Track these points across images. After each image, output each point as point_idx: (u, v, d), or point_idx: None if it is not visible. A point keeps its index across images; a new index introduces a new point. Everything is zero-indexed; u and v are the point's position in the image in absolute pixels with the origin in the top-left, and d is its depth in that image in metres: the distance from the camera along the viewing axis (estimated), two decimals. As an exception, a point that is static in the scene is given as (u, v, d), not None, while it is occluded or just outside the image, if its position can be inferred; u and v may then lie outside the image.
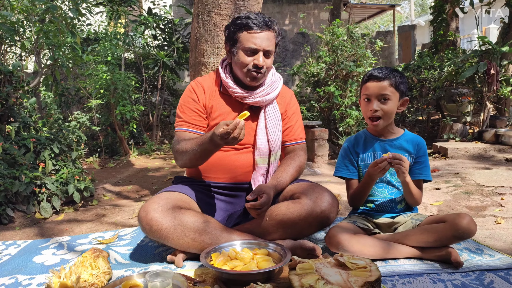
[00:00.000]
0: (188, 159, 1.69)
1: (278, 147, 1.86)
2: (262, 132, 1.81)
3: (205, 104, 1.82)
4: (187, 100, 1.82)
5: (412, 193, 1.69)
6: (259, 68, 1.72)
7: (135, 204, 2.87)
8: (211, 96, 1.83)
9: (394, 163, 1.58)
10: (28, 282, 1.51)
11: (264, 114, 1.83)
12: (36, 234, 2.25)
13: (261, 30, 1.70)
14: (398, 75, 1.70)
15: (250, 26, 1.69)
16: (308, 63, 4.82)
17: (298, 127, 1.95)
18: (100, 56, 5.02)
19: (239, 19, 1.73)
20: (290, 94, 1.98)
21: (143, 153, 5.43)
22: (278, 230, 1.68)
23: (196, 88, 1.83)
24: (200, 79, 1.88)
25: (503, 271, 1.50)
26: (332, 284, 1.15)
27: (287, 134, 1.91)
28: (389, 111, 1.70)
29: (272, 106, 1.85)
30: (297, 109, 1.98)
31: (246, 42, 1.70)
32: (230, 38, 1.77)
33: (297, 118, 1.95)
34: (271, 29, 1.73)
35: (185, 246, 1.58)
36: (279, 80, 1.89)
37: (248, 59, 1.72)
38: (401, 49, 12.30)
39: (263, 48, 1.71)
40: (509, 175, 3.27)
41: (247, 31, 1.70)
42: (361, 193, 1.77)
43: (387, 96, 1.68)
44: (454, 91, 5.64)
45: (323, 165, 4.09)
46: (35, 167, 2.70)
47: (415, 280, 1.44)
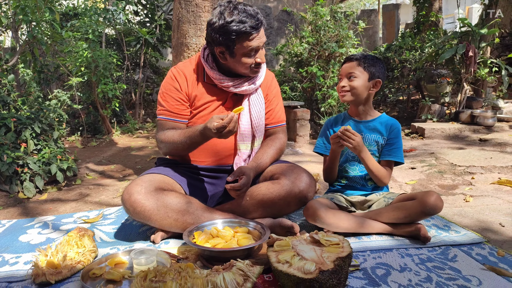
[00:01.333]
0: (174, 148, 1.74)
1: (262, 132, 1.91)
2: (245, 118, 1.85)
3: (188, 92, 1.82)
4: (169, 88, 1.82)
5: (372, 170, 1.78)
6: (261, 63, 1.76)
7: (119, 184, 2.90)
8: (194, 85, 1.83)
9: (342, 138, 1.70)
10: (15, 261, 1.55)
11: (248, 101, 1.86)
12: (20, 213, 2.28)
13: (258, 31, 1.67)
14: (370, 57, 1.83)
15: (248, 32, 1.63)
16: (291, 43, 4.83)
17: (279, 110, 1.99)
18: (80, 33, 4.91)
19: (231, 24, 1.62)
20: (271, 77, 2.00)
21: (126, 131, 5.42)
22: (258, 209, 1.75)
23: (178, 76, 1.82)
24: (181, 66, 1.86)
25: (467, 246, 1.61)
26: (306, 260, 1.23)
27: (268, 117, 1.95)
28: (354, 87, 1.81)
29: (256, 93, 1.88)
30: (277, 92, 2.01)
31: (247, 47, 1.67)
32: (225, 43, 1.67)
33: (277, 101, 1.99)
34: (262, 24, 1.69)
35: (168, 226, 1.64)
36: (263, 67, 1.91)
37: (251, 60, 1.72)
38: (385, 28, 12.33)
39: (262, 43, 1.72)
40: (481, 155, 3.42)
41: (247, 37, 1.65)
42: (330, 166, 1.89)
43: (354, 74, 1.81)
44: (434, 72, 5.76)
45: (305, 145, 4.18)
46: (17, 147, 2.69)
47: (385, 254, 1.54)
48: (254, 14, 1.67)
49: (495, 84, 5.70)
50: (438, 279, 1.34)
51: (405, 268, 1.42)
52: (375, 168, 1.78)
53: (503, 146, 3.81)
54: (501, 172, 2.90)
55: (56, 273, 1.36)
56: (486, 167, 3.03)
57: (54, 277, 1.34)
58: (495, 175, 2.81)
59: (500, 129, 4.62)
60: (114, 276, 1.35)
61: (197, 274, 1.23)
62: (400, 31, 10.43)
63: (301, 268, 1.19)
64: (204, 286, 1.17)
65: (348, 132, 1.69)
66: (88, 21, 5.04)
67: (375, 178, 1.82)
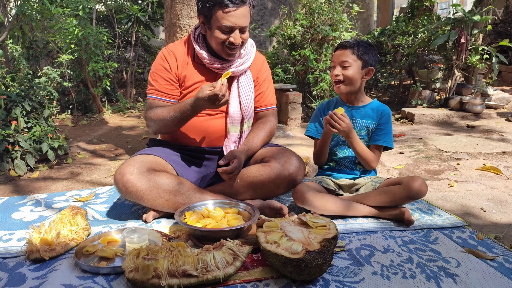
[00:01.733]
0: (163, 125, 1.75)
1: (251, 115, 1.92)
2: (235, 100, 1.86)
3: (178, 73, 1.83)
4: (159, 68, 1.83)
5: (360, 154, 1.83)
6: (235, 45, 1.72)
7: (111, 163, 2.92)
8: (184, 65, 1.84)
9: (330, 122, 1.74)
10: (8, 237, 1.58)
11: (237, 83, 1.87)
12: (11, 191, 2.29)
13: (236, 7, 1.64)
14: (363, 45, 1.83)
15: (225, 3, 1.63)
16: (285, 25, 4.80)
17: (269, 93, 2.00)
18: (70, 9, 4.81)
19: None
20: (262, 59, 2.01)
21: (117, 110, 5.39)
22: (248, 191, 1.79)
23: (168, 56, 1.83)
24: (172, 47, 1.87)
25: (448, 229, 1.68)
26: (294, 241, 1.28)
27: (258, 100, 1.97)
28: (349, 76, 1.83)
29: (245, 76, 1.89)
30: (268, 75, 2.02)
31: (222, 20, 1.66)
32: (203, 12, 1.71)
33: (268, 84, 2.00)
34: (246, 3, 1.68)
35: (160, 206, 1.67)
36: (252, 49, 1.91)
37: (224, 37, 1.70)
38: (380, 11, 12.26)
39: (239, 25, 1.69)
40: (467, 141, 3.50)
41: (222, 10, 1.64)
42: (321, 149, 1.92)
43: (347, 63, 1.82)
44: (426, 57, 5.79)
45: (296, 128, 4.21)
46: (7, 125, 2.68)
47: (370, 236, 1.60)
48: None
49: (485, 71, 5.76)
50: (419, 260, 1.40)
51: (388, 250, 1.48)
52: (363, 152, 1.83)
53: (489, 133, 3.89)
54: (486, 158, 2.98)
55: (50, 250, 1.39)
56: (472, 153, 3.10)
57: (48, 253, 1.37)
58: (480, 161, 2.89)
59: (488, 116, 4.70)
60: (107, 253, 1.38)
61: (188, 253, 1.27)
62: (395, 15, 10.38)
63: (289, 249, 1.23)
64: (195, 264, 1.21)
65: (335, 116, 1.73)
66: (78, -4, 4.93)
67: (363, 161, 1.86)
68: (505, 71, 6.66)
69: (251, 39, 1.93)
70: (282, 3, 8.81)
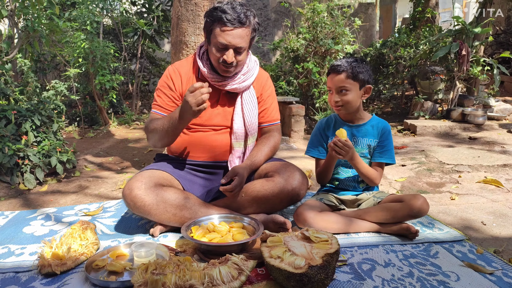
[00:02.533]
0: (158, 136, 1.79)
1: (255, 130, 1.97)
2: (238, 116, 1.91)
3: (182, 91, 1.90)
4: (163, 85, 1.91)
5: (364, 174, 1.85)
6: (228, 64, 1.77)
7: (117, 176, 2.98)
8: (188, 82, 1.90)
9: (335, 149, 1.74)
10: (20, 251, 1.63)
11: (241, 100, 1.93)
12: (21, 204, 2.35)
13: (233, 27, 1.70)
14: (357, 65, 1.81)
15: (223, 21, 1.69)
16: (288, 38, 4.88)
17: (273, 109, 2.05)
18: (78, 23, 4.92)
19: (215, 11, 1.73)
20: (265, 76, 2.06)
21: (123, 123, 5.47)
22: (252, 205, 1.84)
23: (173, 74, 1.90)
24: (178, 65, 1.94)
25: (448, 243, 1.71)
26: (297, 255, 1.32)
27: (263, 116, 2.02)
28: (348, 101, 1.83)
29: (248, 92, 1.94)
30: (272, 91, 2.07)
31: (218, 37, 1.72)
32: (206, 27, 1.80)
33: (272, 100, 2.05)
34: (244, 25, 1.73)
35: (167, 220, 1.72)
36: (255, 66, 1.97)
37: (218, 54, 1.76)
38: (382, 22, 12.38)
39: (234, 45, 1.73)
40: (469, 153, 3.53)
41: (220, 27, 1.71)
42: (325, 171, 1.94)
43: (345, 87, 1.81)
44: (428, 68, 5.84)
45: (299, 140, 4.26)
46: (17, 139, 2.75)
47: (371, 250, 1.64)
48: (240, 12, 1.72)
49: (487, 82, 5.80)
50: (419, 274, 1.44)
51: (389, 264, 1.52)
52: (367, 172, 1.85)
53: (491, 145, 3.92)
54: (487, 171, 3.01)
55: (61, 264, 1.44)
56: (473, 165, 3.13)
57: (59, 268, 1.42)
58: (481, 174, 2.92)
59: (489, 128, 4.73)
60: (116, 267, 1.43)
61: (194, 267, 1.31)
62: (397, 26, 10.47)
63: (292, 263, 1.28)
64: (201, 279, 1.25)
65: (339, 143, 1.73)
66: (86, 11, 5.05)
67: (366, 180, 1.88)
68: (507, 81, 6.71)
69: (254, 57, 1.99)
70: (285, 14, 8.93)
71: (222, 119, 1.93)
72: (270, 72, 5.25)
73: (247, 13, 1.74)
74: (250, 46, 1.85)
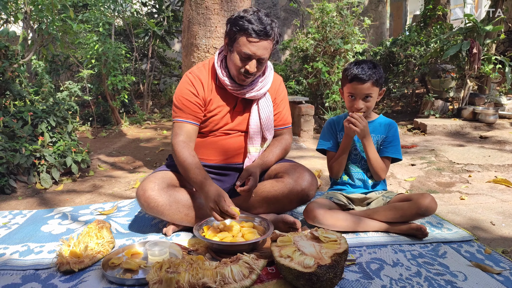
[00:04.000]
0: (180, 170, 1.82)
1: (271, 134, 2.00)
2: (254, 121, 1.93)
3: (205, 97, 1.89)
4: (186, 93, 1.87)
5: (371, 159, 1.90)
6: (249, 74, 1.78)
7: (130, 176, 3.04)
8: (209, 90, 1.90)
9: (351, 121, 1.83)
10: (39, 250, 1.69)
11: (257, 106, 1.94)
12: (38, 203, 2.42)
13: (259, 39, 1.71)
14: (377, 71, 1.86)
15: (249, 32, 1.69)
16: (297, 38, 4.90)
17: (285, 113, 2.09)
18: (90, 25, 5.01)
19: (241, 20, 1.72)
20: (279, 81, 2.08)
21: (135, 122, 5.55)
22: (263, 205, 1.88)
23: (195, 81, 1.88)
24: (196, 72, 1.92)
25: (456, 244, 1.73)
26: (306, 255, 1.36)
27: (276, 119, 2.04)
28: (371, 106, 1.92)
29: (264, 98, 1.96)
30: (285, 95, 2.09)
31: (243, 46, 1.72)
32: (229, 35, 1.78)
33: (285, 104, 2.08)
34: (270, 38, 1.73)
35: (179, 220, 1.77)
36: (271, 72, 1.98)
37: (241, 63, 1.76)
38: (393, 19, 12.28)
39: (258, 56, 1.74)
40: (479, 152, 3.52)
41: (247, 37, 1.71)
42: (339, 160, 1.97)
43: (370, 94, 1.88)
44: (439, 66, 5.81)
45: (309, 140, 4.29)
46: (33, 140, 2.83)
47: (380, 250, 1.66)
48: (266, 24, 1.72)
49: (499, 80, 5.75)
50: (427, 274, 1.46)
51: (397, 263, 1.55)
52: (376, 158, 1.91)
53: (502, 144, 3.89)
54: (498, 170, 3.00)
55: (79, 262, 1.49)
56: (484, 165, 3.12)
57: (77, 265, 1.48)
58: (492, 174, 2.92)
59: (501, 127, 4.69)
60: (131, 265, 1.48)
61: (207, 266, 1.36)
62: (408, 24, 10.38)
63: (301, 263, 1.31)
64: (214, 277, 1.30)
65: (356, 115, 1.84)
66: (98, 13, 5.14)
67: (373, 169, 1.93)
68: (519, 79, 6.61)
69: (269, 62, 2.01)
70: (294, 13, 8.94)
71: (237, 124, 1.95)
72: (279, 72, 5.27)
73: (272, 24, 1.74)
74: (270, 56, 1.85)
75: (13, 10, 3.19)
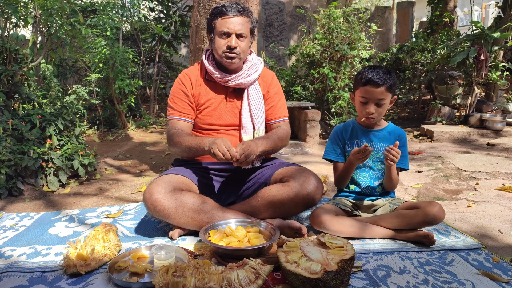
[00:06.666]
0: (180, 150, 1.95)
1: (261, 124, 2.07)
2: (246, 111, 2.02)
3: (193, 93, 2.03)
4: (177, 92, 2.03)
5: (392, 178, 1.90)
6: (232, 49, 1.90)
7: (136, 179, 3.05)
8: (198, 85, 2.04)
9: (388, 157, 1.77)
10: (46, 252, 1.70)
11: (248, 95, 2.03)
12: (45, 206, 2.44)
13: (233, 15, 1.89)
14: (391, 77, 1.84)
15: (223, 12, 1.89)
16: (303, 44, 4.91)
17: (280, 106, 2.14)
18: (99, 30, 5.06)
19: (215, 9, 1.93)
20: (271, 75, 2.16)
21: (141, 126, 5.58)
22: (268, 210, 1.88)
23: (184, 79, 2.04)
24: (187, 71, 2.08)
25: (464, 251, 1.72)
26: (313, 261, 1.35)
27: (271, 112, 2.11)
28: (383, 113, 1.91)
29: (254, 87, 2.05)
30: (279, 89, 2.17)
31: (220, 26, 1.90)
32: (208, 26, 1.97)
33: (279, 97, 2.15)
34: (243, 14, 1.91)
35: (185, 224, 1.77)
36: (259, 63, 2.09)
37: (222, 42, 1.91)
38: (399, 25, 12.28)
39: (235, 31, 1.89)
40: (487, 160, 3.49)
41: (221, 17, 1.90)
42: (344, 175, 1.97)
43: (383, 100, 1.85)
44: (446, 73, 5.79)
45: (315, 145, 4.28)
46: (41, 142, 2.85)
47: (387, 257, 1.65)
48: (237, 5, 1.91)
49: (506, 87, 5.71)
50: (434, 282, 1.45)
51: (404, 271, 1.53)
52: (395, 177, 1.90)
53: (509, 152, 3.86)
54: (506, 178, 2.97)
55: (86, 265, 1.50)
56: (491, 172, 3.10)
57: (84, 268, 1.48)
58: (499, 181, 2.89)
59: (508, 134, 4.66)
60: (138, 269, 1.49)
61: (213, 270, 1.36)
62: (414, 30, 10.36)
63: (308, 268, 1.31)
64: (220, 282, 1.30)
65: (393, 151, 1.76)
66: (106, 18, 5.19)
67: (389, 184, 1.92)
68: (527, 86, 6.57)
69: (258, 56, 2.08)
70: (301, 19, 8.97)
71: (232, 116, 2.04)
72: (285, 77, 5.28)
73: (244, 7, 1.93)
74: (252, 36, 1.99)
75: (23, 14, 3.23)
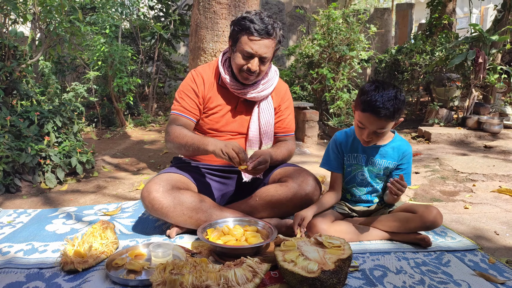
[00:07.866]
0: (176, 145, 1.84)
1: (270, 139, 2.02)
2: (254, 124, 1.97)
3: (204, 95, 1.96)
4: (187, 88, 1.95)
5: (394, 200, 1.83)
6: (252, 72, 1.84)
7: (134, 177, 3.05)
8: (210, 88, 1.96)
9: (392, 190, 1.66)
10: (43, 249, 1.70)
11: (258, 109, 1.98)
12: (43, 203, 2.43)
13: (261, 37, 1.77)
14: (397, 102, 1.60)
15: (251, 31, 1.77)
16: (303, 44, 4.92)
17: (289, 120, 2.10)
18: (97, 27, 5.05)
19: (243, 20, 1.79)
20: (284, 88, 2.10)
21: (139, 124, 5.57)
22: (266, 209, 1.88)
23: (197, 78, 1.96)
24: (201, 69, 2.00)
25: (460, 252, 1.73)
26: (310, 260, 1.36)
27: (279, 126, 2.07)
28: (382, 137, 1.76)
29: (266, 101, 1.99)
30: (290, 103, 2.11)
31: (245, 45, 1.79)
32: (232, 36, 1.86)
33: (289, 112, 2.10)
34: (271, 37, 1.80)
35: (183, 222, 1.78)
36: (275, 76, 2.01)
37: (243, 62, 1.82)
38: (398, 27, 12.30)
39: (259, 55, 1.80)
40: (484, 162, 3.51)
41: (248, 36, 1.78)
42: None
43: (383, 129, 1.67)
44: (444, 75, 5.81)
45: (313, 146, 4.29)
46: (39, 139, 2.85)
47: (383, 257, 1.66)
48: (267, 23, 1.78)
49: (504, 90, 5.74)
50: (430, 282, 1.46)
51: (400, 271, 1.54)
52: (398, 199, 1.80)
53: (506, 154, 3.88)
54: (502, 180, 2.99)
55: (83, 261, 1.50)
56: (488, 174, 3.11)
57: (81, 265, 1.48)
58: (496, 183, 2.91)
59: (505, 137, 4.68)
60: (135, 266, 1.49)
61: (210, 269, 1.36)
62: (413, 32, 10.39)
63: (305, 268, 1.31)
64: (217, 280, 1.30)
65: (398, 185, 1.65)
66: (106, 16, 5.18)
67: (391, 203, 1.88)
68: (525, 89, 6.59)
69: (275, 67, 2.03)
70: (300, 19, 8.98)
71: (238, 126, 1.99)
72: (284, 77, 5.29)
73: (274, 25, 1.81)
74: (273, 56, 1.89)
75: (22, 11, 3.22)
